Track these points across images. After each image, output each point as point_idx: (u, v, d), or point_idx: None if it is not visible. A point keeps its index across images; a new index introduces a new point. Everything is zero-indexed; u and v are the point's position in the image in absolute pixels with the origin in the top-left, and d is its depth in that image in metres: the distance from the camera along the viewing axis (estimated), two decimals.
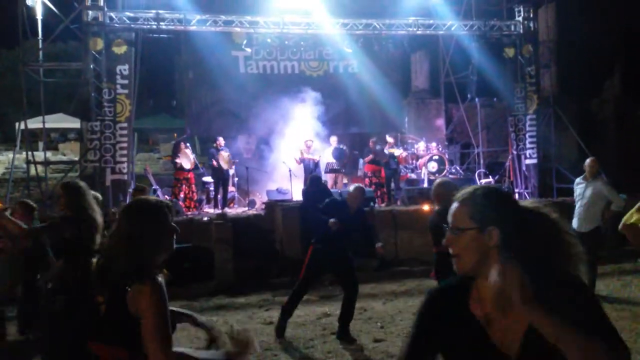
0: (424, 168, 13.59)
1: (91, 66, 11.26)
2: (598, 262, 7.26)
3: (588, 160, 7.43)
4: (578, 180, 7.53)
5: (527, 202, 1.70)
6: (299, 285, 6.32)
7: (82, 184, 4.53)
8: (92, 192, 4.67)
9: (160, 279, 2.16)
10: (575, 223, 7.26)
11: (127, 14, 11.79)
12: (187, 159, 12.01)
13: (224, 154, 12.33)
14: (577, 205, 7.37)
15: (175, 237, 2.30)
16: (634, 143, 16.67)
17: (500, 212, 1.61)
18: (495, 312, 1.58)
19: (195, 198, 12.31)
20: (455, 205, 1.68)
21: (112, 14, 11.63)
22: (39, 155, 13.50)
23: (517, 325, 1.54)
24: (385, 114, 14.74)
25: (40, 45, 12.07)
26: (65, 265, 4.27)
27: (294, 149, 13.07)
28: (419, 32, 13.41)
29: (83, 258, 3.96)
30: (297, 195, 11.24)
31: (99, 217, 4.33)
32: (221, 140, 12.53)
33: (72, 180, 4.87)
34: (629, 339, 5.74)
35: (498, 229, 1.57)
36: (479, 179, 14.01)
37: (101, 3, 11.49)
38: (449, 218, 1.67)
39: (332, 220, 6.08)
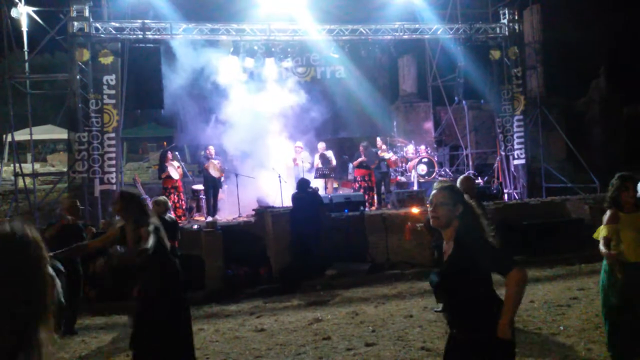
0: (413, 171, 13.65)
1: (77, 77, 11.21)
2: None
3: None
4: None
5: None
6: None
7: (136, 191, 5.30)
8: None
9: None
10: None
11: (113, 24, 11.77)
12: (174, 169, 11.96)
13: (215, 162, 12.31)
14: None
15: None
16: (620, 142, 16.84)
17: (461, 197, 2.95)
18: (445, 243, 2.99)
19: (184, 207, 12.27)
20: (438, 191, 2.98)
21: (98, 25, 11.60)
22: (27, 167, 13.42)
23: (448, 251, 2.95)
24: (373, 118, 14.80)
25: (26, 57, 12.03)
26: None
27: (284, 155, 13.09)
28: (405, 37, 13.47)
29: None
30: (287, 201, 11.21)
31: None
32: (212, 149, 12.52)
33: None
34: None
35: (462, 206, 2.91)
36: None
37: (87, 14, 11.45)
38: (435, 198, 2.96)
39: None
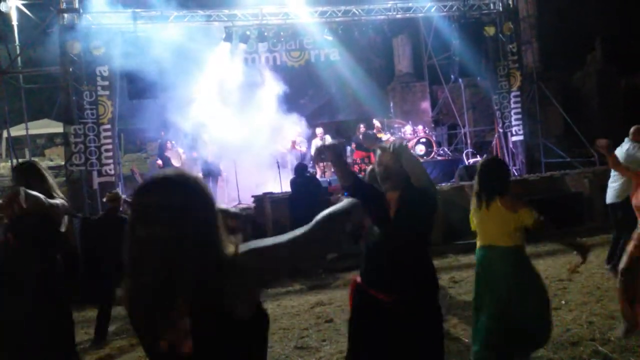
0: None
1: (70, 69, 11.14)
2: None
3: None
4: None
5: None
6: None
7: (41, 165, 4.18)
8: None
9: None
10: None
11: (104, 14, 11.67)
12: (176, 157, 11.97)
13: (211, 148, 12.31)
14: None
15: None
16: (618, 114, 16.78)
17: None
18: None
19: None
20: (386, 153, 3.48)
21: (88, 16, 11.50)
22: None
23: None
24: (369, 100, 14.74)
25: (18, 52, 11.94)
26: None
27: (282, 140, 13.08)
28: (398, 16, 13.32)
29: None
30: (286, 187, 11.21)
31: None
32: (205, 136, 12.51)
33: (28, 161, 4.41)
34: (618, 308, 5.80)
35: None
36: (467, 159, 14.05)
37: (76, 5, 11.34)
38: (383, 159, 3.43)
39: None
